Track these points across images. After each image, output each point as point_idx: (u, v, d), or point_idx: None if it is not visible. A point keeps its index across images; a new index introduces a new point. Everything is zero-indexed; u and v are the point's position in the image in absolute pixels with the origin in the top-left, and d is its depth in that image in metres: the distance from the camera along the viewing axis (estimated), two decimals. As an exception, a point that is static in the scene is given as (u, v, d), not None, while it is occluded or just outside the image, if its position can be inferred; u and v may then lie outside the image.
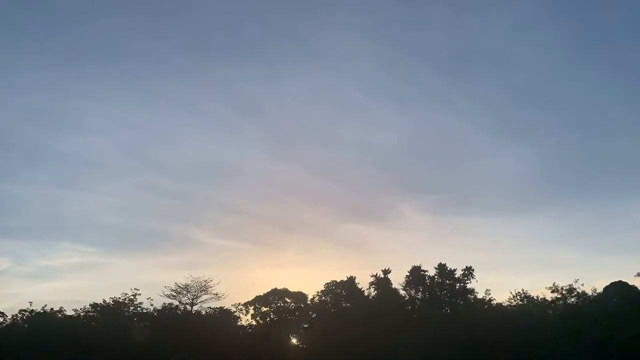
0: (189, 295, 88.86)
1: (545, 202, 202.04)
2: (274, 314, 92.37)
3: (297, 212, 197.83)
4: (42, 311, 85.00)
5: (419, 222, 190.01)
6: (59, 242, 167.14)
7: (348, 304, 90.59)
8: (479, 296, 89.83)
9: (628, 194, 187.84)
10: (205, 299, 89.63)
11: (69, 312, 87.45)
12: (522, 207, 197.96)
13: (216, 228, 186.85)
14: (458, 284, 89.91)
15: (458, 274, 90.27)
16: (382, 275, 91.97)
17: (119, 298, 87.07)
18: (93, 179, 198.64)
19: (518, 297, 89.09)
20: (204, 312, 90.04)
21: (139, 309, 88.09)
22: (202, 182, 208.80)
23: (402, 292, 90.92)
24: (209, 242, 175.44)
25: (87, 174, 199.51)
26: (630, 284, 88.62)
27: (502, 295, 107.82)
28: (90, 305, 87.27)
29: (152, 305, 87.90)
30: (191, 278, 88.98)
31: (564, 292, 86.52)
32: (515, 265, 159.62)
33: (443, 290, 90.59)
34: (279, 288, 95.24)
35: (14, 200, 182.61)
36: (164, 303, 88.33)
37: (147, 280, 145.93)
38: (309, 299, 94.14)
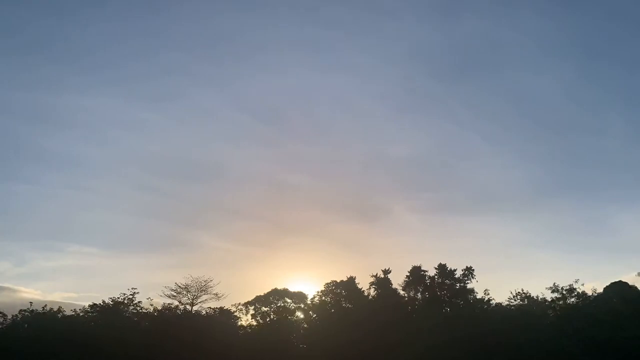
0: (189, 295, 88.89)
1: (544, 203, 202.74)
2: (274, 314, 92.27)
3: (298, 213, 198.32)
4: (42, 311, 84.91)
5: (420, 223, 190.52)
6: (67, 244, 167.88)
7: (348, 304, 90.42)
8: (479, 296, 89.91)
9: (628, 195, 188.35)
10: (205, 299, 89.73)
11: (69, 312, 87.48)
12: (521, 207, 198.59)
13: (218, 229, 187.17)
14: (458, 284, 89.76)
15: (458, 274, 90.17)
16: (382, 276, 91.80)
17: (118, 298, 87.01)
18: (96, 180, 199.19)
19: (518, 297, 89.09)
20: (204, 312, 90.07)
21: (138, 308, 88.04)
22: (205, 183, 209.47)
23: (402, 292, 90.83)
24: (212, 244, 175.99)
25: (91, 176, 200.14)
26: (630, 284, 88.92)
27: (499, 296, 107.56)
28: (89, 305, 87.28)
29: (152, 305, 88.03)
30: (191, 278, 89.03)
31: (564, 292, 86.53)
32: (514, 265, 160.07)
33: (443, 290, 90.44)
34: (279, 288, 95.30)
35: (18, 202, 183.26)
36: (164, 303, 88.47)
37: (152, 282, 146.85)
38: (309, 299, 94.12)
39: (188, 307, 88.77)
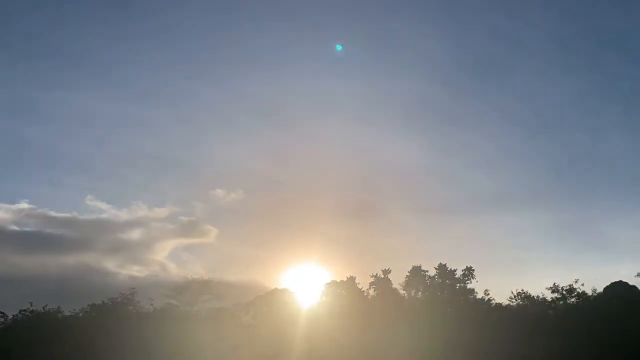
0: (189, 295, 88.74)
1: (545, 203, 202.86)
2: (274, 314, 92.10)
3: (298, 213, 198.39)
4: (42, 311, 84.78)
5: (420, 223, 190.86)
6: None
7: (348, 304, 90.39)
8: (479, 296, 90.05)
9: (629, 195, 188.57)
10: (205, 299, 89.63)
11: (68, 312, 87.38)
12: (521, 207, 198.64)
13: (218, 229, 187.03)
14: (458, 284, 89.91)
15: (458, 274, 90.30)
16: (382, 276, 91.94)
17: (117, 298, 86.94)
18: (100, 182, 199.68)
19: (518, 297, 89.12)
20: (204, 312, 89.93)
21: (138, 309, 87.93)
22: (204, 182, 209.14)
23: (403, 293, 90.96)
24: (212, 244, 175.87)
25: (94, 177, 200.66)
26: (631, 284, 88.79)
27: (500, 296, 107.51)
28: (89, 305, 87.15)
29: (151, 305, 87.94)
30: (191, 278, 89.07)
31: (564, 292, 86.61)
32: (514, 265, 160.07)
33: (443, 291, 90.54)
34: (279, 288, 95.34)
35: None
36: (164, 303, 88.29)
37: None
38: (309, 299, 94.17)
39: (188, 307, 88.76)
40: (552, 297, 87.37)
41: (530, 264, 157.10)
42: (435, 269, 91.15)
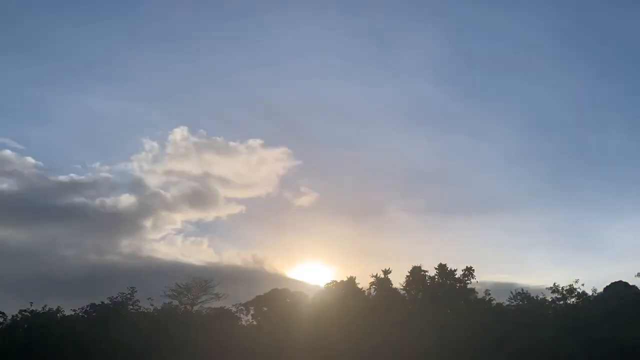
0: (189, 295, 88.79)
1: (544, 203, 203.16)
2: (274, 314, 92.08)
3: (298, 214, 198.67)
4: (42, 311, 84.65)
5: (420, 223, 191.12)
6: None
7: (348, 304, 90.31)
8: (479, 296, 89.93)
9: (629, 194, 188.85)
10: (206, 299, 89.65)
11: (69, 312, 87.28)
12: (521, 207, 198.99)
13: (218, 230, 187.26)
14: (458, 284, 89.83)
15: (458, 274, 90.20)
16: (382, 276, 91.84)
17: (117, 298, 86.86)
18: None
19: (518, 297, 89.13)
20: (204, 312, 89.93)
21: (137, 308, 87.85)
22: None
23: (403, 293, 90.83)
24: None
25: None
26: (631, 284, 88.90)
27: (499, 296, 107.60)
28: (89, 305, 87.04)
29: (152, 305, 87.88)
30: (191, 278, 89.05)
31: (564, 292, 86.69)
32: (514, 265, 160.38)
33: (443, 291, 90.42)
34: (279, 288, 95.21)
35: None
36: (164, 303, 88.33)
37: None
38: (309, 299, 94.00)
39: (188, 307, 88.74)
40: (552, 297, 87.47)
41: (530, 264, 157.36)
42: (435, 269, 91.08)
